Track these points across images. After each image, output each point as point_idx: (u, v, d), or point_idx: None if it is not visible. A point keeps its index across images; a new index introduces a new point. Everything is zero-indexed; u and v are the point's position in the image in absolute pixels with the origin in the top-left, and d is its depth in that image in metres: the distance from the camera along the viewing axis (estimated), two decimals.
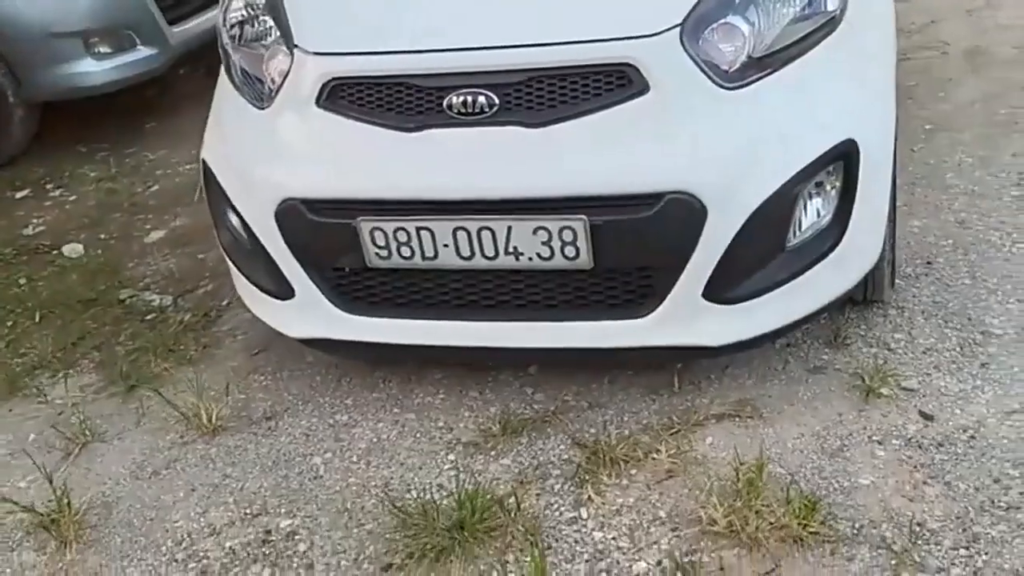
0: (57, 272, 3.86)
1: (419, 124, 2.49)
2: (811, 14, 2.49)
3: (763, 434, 2.57)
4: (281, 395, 2.98)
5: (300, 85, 2.61)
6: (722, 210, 2.36)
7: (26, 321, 3.53)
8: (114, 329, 3.42)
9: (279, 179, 2.62)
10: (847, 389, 2.68)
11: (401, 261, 2.54)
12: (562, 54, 2.40)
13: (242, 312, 3.41)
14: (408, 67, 2.50)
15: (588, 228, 2.37)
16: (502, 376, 2.90)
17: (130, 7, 4.68)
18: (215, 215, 2.92)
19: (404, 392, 2.91)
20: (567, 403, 2.77)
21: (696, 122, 2.38)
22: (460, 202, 2.45)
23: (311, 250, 2.64)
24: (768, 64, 2.43)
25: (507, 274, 2.54)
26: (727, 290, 2.45)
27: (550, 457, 2.60)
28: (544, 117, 2.41)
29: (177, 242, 3.99)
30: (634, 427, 2.65)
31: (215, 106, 2.92)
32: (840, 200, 2.49)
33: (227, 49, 2.87)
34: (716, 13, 2.42)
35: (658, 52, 2.38)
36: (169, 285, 3.68)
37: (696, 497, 2.41)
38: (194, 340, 3.30)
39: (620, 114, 2.38)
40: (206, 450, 2.80)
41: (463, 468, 2.60)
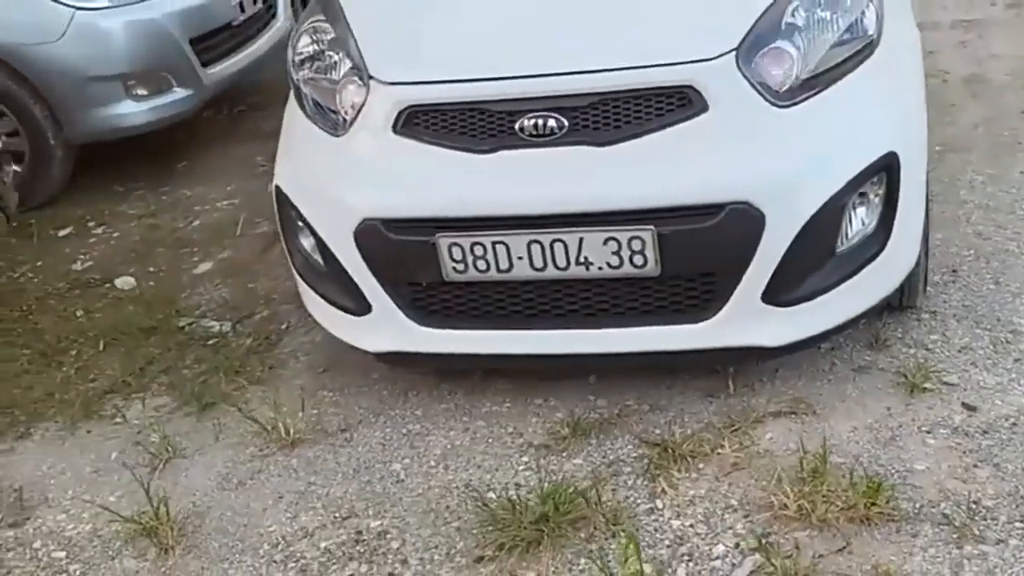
0: (112, 304, 4.00)
1: (492, 146, 2.68)
2: (851, 38, 2.70)
3: (819, 428, 2.74)
4: (352, 409, 3.13)
5: (376, 113, 2.80)
6: (779, 219, 2.55)
7: (90, 349, 3.66)
8: (179, 354, 3.56)
9: (358, 201, 2.79)
10: (892, 386, 2.87)
11: (477, 274, 2.72)
12: (627, 78, 2.60)
13: (302, 335, 3.58)
14: (481, 94, 2.69)
15: (656, 237, 2.56)
16: (564, 385, 3.07)
17: (167, 51, 4.85)
18: (287, 239, 3.09)
19: (471, 402, 3.07)
20: (629, 407, 2.94)
21: (753, 138, 2.58)
22: (535, 217, 2.63)
23: (389, 267, 2.82)
24: (815, 84, 2.64)
25: (576, 284, 2.72)
26: (783, 293, 2.64)
27: (620, 455, 2.77)
28: (611, 137, 2.61)
29: (225, 273, 4.14)
30: (696, 426, 2.82)
31: (287, 136, 3.10)
32: (883, 208, 2.69)
33: (298, 84, 3.05)
34: (766, 38, 2.63)
35: (716, 75, 2.58)
36: (225, 312, 3.82)
37: (763, 486, 2.58)
38: (259, 362, 3.44)
39: (682, 132, 2.58)
40: (287, 461, 2.94)
41: (538, 468, 2.75)
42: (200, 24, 5.05)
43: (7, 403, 3.38)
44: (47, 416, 3.32)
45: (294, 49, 3.09)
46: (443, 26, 2.90)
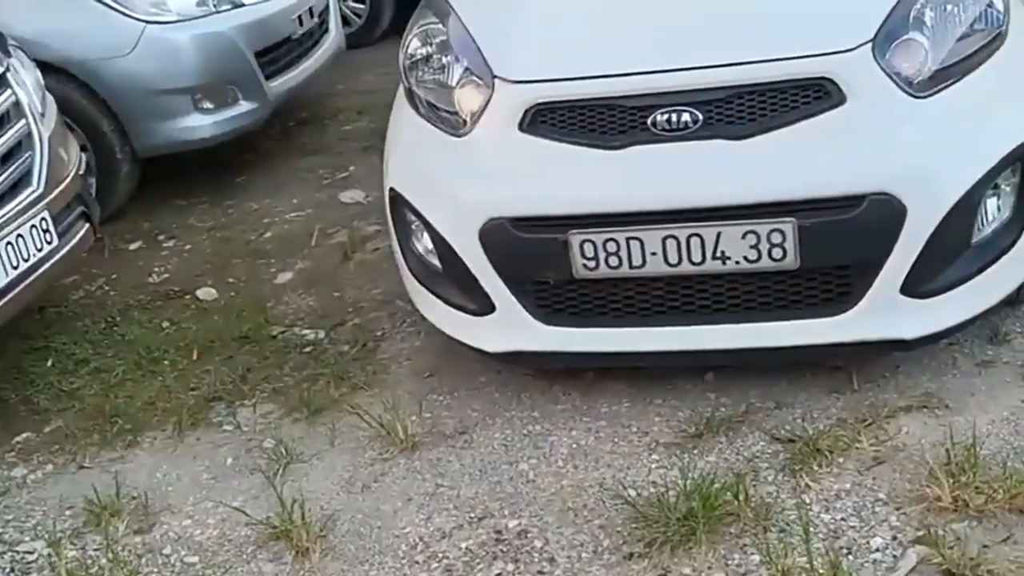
0: (198, 314, 3.97)
1: (624, 142, 2.67)
2: (979, 30, 2.69)
3: (954, 421, 2.72)
4: (465, 412, 3.11)
5: (501, 112, 2.79)
6: (920, 209, 2.54)
7: (184, 359, 3.63)
8: (277, 362, 3.54)
9: (484, 200, 2.78)
10: (1022, 379, 2.85)
11: (608, 271, 2.70)
12: (763, 71, 2.60)
13: (400, 341, 3.56)
14: (613, 90, 2.68)
15: (797, 230, 2.54)
16: (681, 383, 3.05)
17: (234, 64, 4.85)
18: (401, 241, 3.07)
19: (588, 403, 3.05)
20: (754, 404, 2.92)
21: (892, 129, 2.58)
22: (671, 211, 2.62)
23: (515, 265, 2.80)
24: (950, 75, 2.64)
25: (708, 279, 2.70)
26: (922, 285, 2.63)
27: (754, 452, 2.74)
28: (747, 130, 2.60)
29: (308, 283, 4.12)
30: (827, 422, 2.80)
31: (399, 139, 3.09)
32: (1018, 198, 2.68)
33: (411, 87, 3.04)
34: (899, 30, 2.63)
35: (854, 66, 2.58)
36: (316, 321, 3.80)
37: (909, 479, 2.55)
38: (360, 368, 3.42)
39: (821, 124, 2.57)
40: (409, 463, 2.91)
41: (671, 465, 2.72)
42: (264, 37, 5.05)
43: (111, 412, 3.34)
44: (152, 424, 3.29)
45: (405, 53, 3.09)
46: (566, 22, 2.90)
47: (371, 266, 4.18)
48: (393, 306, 3.81)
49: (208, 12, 4.83)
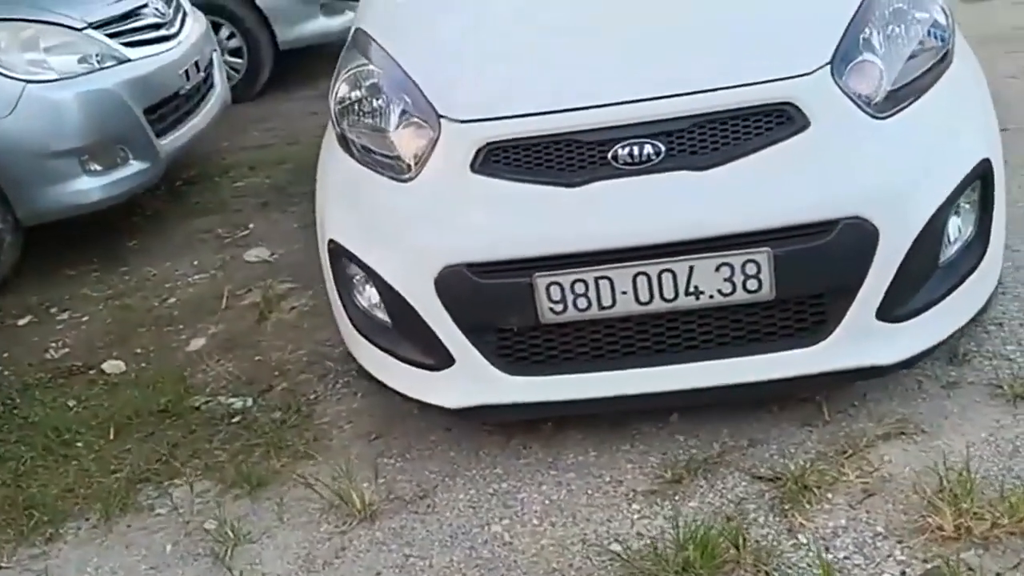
0: (107, 389, 3.68)
1: (585, 178, 2.55)
2: (928, 48, 2.68)
3: (935, 447, 2.67)
4: (422, 474, 2.92)
5: (450, 153, 2.65)
6: (893, 232, 2.49)
7: (100, 439, 3.34)
8: (205, 435, 3.28)
9: (438, 247, 2.62)
10: (991, 398, 2.82)
11: (576, 313, 2.57)
12: (724, 98, 2.52)
13: (335, 404, 3.35)
14: (570, 124, 2.57)
15: (772, 259, 2.46)
16: (645, 428, 2.93)
17: (122, 122, 4.57)
18: (343, 296, 2.88)
19: (552, 455, 2.89)
20: (726, 444, 2.81)
21: (858, 152, 2.53)
22: (641, 248, 2.51)
23: (475, 314, 2.64)
24: (906, 95, 2.61)
25: (679, 316, 2.60)
26: (896, 309, 2.58)
27: (738, 494, 2.63)
28: (711, 160, 2.52)
29: (224, 348, 3.86)
30: (805, 456, 2.71)
31: (335, 187, 2.91)
32: (980, 216, 2.66)
33: (345, 133, 2.87)
34: (852, 52, 2.60)
35: (815, 89, 2.53)
36: (240, 388, 3.55)
37: (904, 510, 2.48)
38: (298, 435, 3.19)
39: (786, 149, 2.50)
40: (371, 535, 2.71)
41: (657, 514, 2.59)
42: (152, 93, 4.79)
43: (24, 503, 3.03)
44: (74, 514, 2.99)
45: (335, 98, 2.92)
46: (510, 57, 2.77)
47: (290, 326, 3.95)
48: (322, 367, 3.59)
49: (91, 69, 4.55)
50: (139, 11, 4.97)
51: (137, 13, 4.96)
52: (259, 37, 7.02)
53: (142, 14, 4.98)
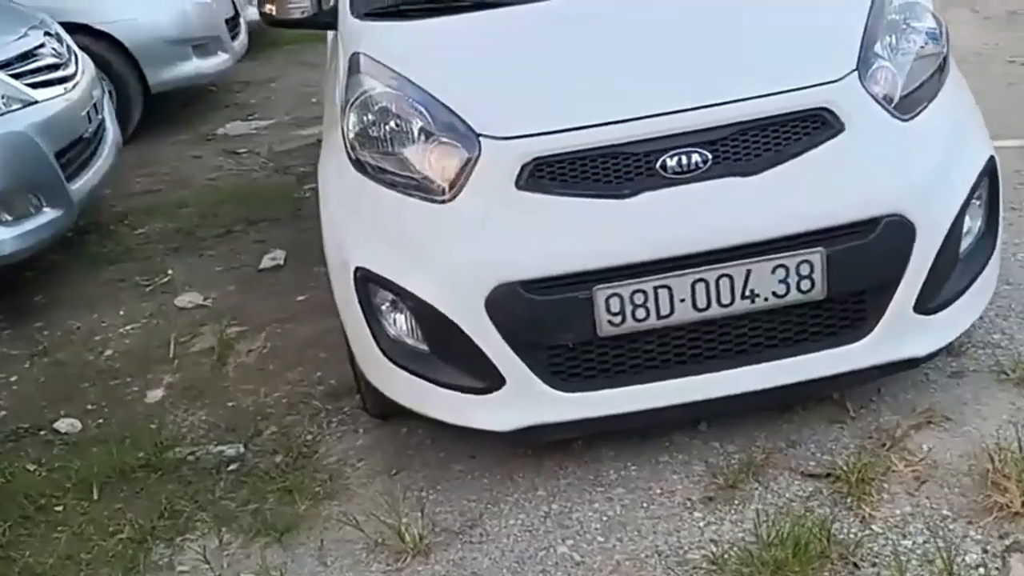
0: (69, 449, 3.41)
1: (635, 189, 2.56)
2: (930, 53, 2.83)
3: (965, 432, 2.80)
4: (461, 504, 2.84)
5: (493, 171, 2.61)
6: (928, 227, 2.61)
7: (83, 502, 3.09)
8: (204, 486, 3.08)
9: (487, 267, 2.57)
10: (997, 383, 2.98)
11: (633, 324, 2.57)
12: (765, 106, 2.59)
13: (335, 441, 3.24)
14: (618, 136, 2.57)
15: (825, 259, 2.53)
16: (677, 438, 2.95)
17: (35, 167, 4.28)
18: (372, 326, 2.77)
19: (592, 472, 2.88)
20: (765, 447, 2.86)
21: (891, 152, 2.64)
22: (700, 254, 2.53)
23: (529, 332, 2.60)
24: (921, 98, 2.75)
25: (730, 321, 2.63)
26: (930, 302, 2.69)
27: (796, 493, 2.68)
28: (757, 166, 2.57)
29: (187, 397, 3.65)
30: (847, 452, 2.79)
31: (358, 215, 2.81)
32: (988, 210, 2.82)
33: (363, 159, 2.79)
34: (871, 58, 2.72)
35: (846, 94, 2.63)
36: (223, 435, 3.37)
37: (961, 492, 2.58)
38: (309, 478, 3.05)
39: (825, 152, 2.59)
40: (431, 569, 2.62)
41: (722, 519, 2.60)
42: (63, 135, 4.52)
43: None
44: None
45: (348, 125, 2.82)
46: (548, 74, 2.75)
47: (254, 370, 3.78)
48: (308, 407, 3.45)
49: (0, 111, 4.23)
50: (37, 51, 4.69)
51: (35, 53, 4.67)
52: (128, 80, 6.70)
53: (40, 54, 4.70)
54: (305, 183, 5.73)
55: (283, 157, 6.29)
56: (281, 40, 9.63)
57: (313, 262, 4.51)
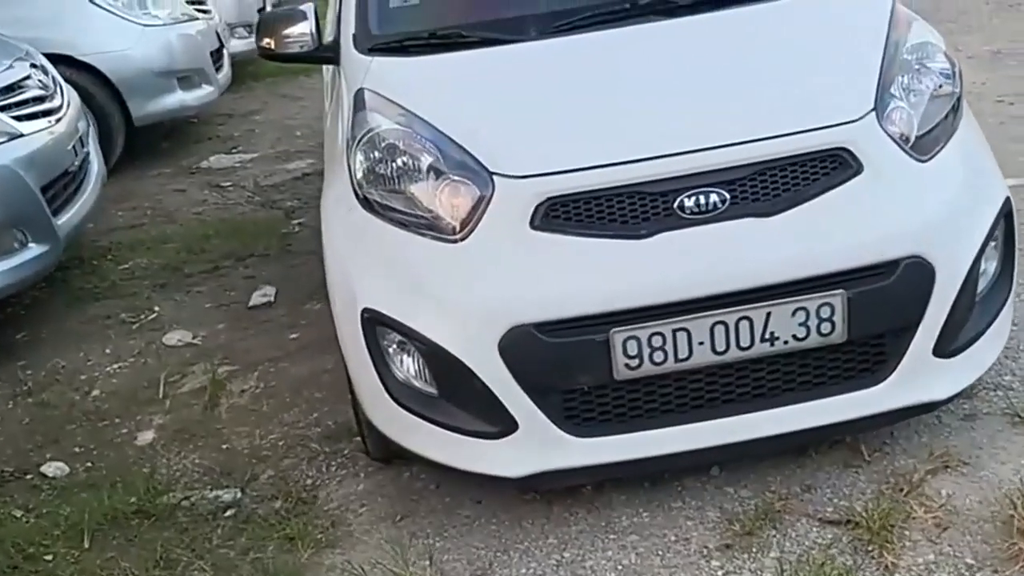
0: (57, 494, 3.30)
1: (652, 229, 2.52)
2: (944, 93, 2.81)
3: (983, 477, 2.75)
4: (470, 552, 2.76)
5: (506, 211, 2.56)
6: (947, 269, 2.57)
7: (74, 550, 2.98)
8: (201, 533, 2.99)
9: (501, 308, 2.51)
10: (1012, 426, 2.95)
11: (651, 368, 2.51)
12: (783, 146, 2.56)
13: (336, 487, 3.16)
14: (635, 176, 2.53)
15: (846, 302, 2.49)
16: (689, 483, 2.89)
17: (21, 202, 4.18)
18: (380, 368, 2.70)
19: (603, 519, 2.81)
20: (780, 492, 2.80)
21: (909, 193, 2.61)
22: (719, 296, 2.48)
23: (544, 375, 2.53)
24: (938, 139, 2.73)
25: (748, 364, 2.57)
26: (949, 344, 2.65)
27: (815, 540, 2.62)
28: (776, 207, 2.53)
29: (179, 439, 3.55)
30: (864, 497, 2.74)
31: (366, 254, 2.74)
32: (1005, 252, 2.79)
33: (371, 197, 2.73)
34: (887, 99, 2.69)
35: (865, 134, 2.60)
36: (218, 480, 3.27)
37: (984, 539, 2.53)
38: (310, 524, 2.96)
39: (844, 193, 2.56)
40: None
41: (741, 568, 2.54)
42: (49, 169, 4.43)
43: None
44: None
45: (355, 162, 2.77)
46: (561, 112, 2.71)
47: (247, 411, 3.69)
48: (306, 450, 3.37)
49: None
50: (23, 83, 4.60)
51: (21, 85, 4.58)
52: (110, 112, 6.60)
53: (26, 86, 4.60)
54: (293, 218, 5.66)
55: (270, 191, 6.21)
56: (261, 73, 9.59)
57: (304, 299, 4.47)
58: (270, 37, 3.46)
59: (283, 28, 3.44)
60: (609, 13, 3.03)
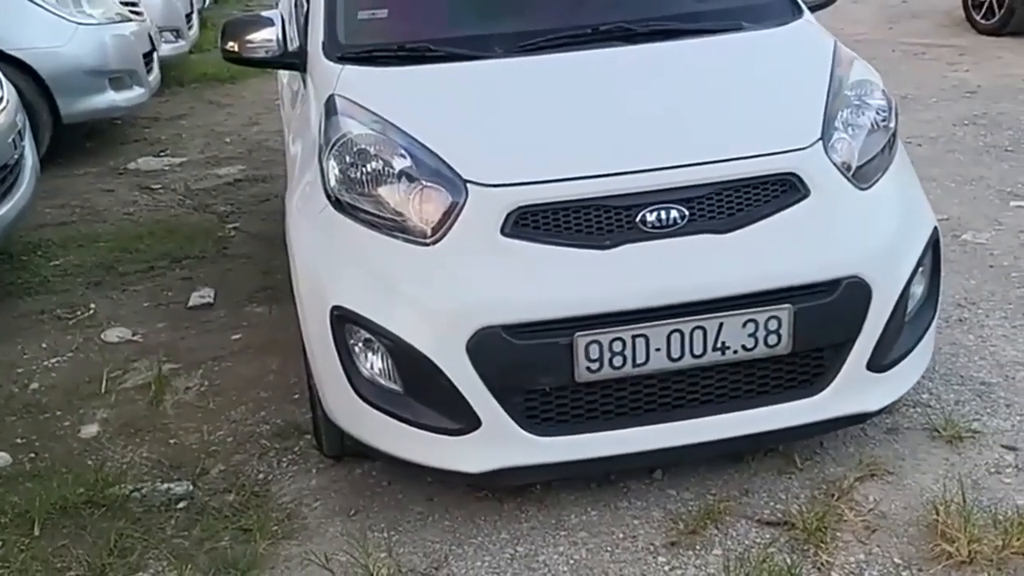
0: (2, 483, 3.29)
1: (615, 241, 2.67)
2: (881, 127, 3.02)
3: (907, 485, 2.96)
4: (425, 545, 2.86)
5: (479, 217, 2.68)
6: (883, 290, 2.78)
7: (24, 537, 2.98)
8: (155, 523, 3.02)
9: (471, 310, 2.63)
10: (930, 439, 3.17)
11: (610, 371, 2.65)
12: (739, 168, 2.75)
13: (289, 482, 3.22)
14: (601, 190, 2.68)
15: (792, 316, 2.67)
16: (633, 485, 3.03)
17: None
18: (347, 366, 2.79)
19: (553, 517, 2.93)
20: (720, 495, 2.96)
21: (851, 218, 2.81)
22: (676, 306, 2.64)
23: (509, 375, 2.66)
24: (876, 169, 2.94)
25: (699, 372, 2.74)
26: (881, 360, 2.85)
27: (754, 539, 2.79)
28: (730, 224, 2.71)
29: (125, 433, 3.57)
30: (798, 501, 2.92)
31: (339, 254, 2.83)
32: (931, 277, 3.01)
33: (344, 199, 2.82)
34: (831, 129, 2.90)
35: (812, 161, 2.80)
36: (168, 473, 3.30)
37: (910, 541, 2.73)
38: (265, 517, 3.02)
39: (793, 215, 2.75)
40: None
41: (687, 564, 2.69)
42: None
43: None
44: None
45: (328, 168, 2.86)
46: (534, 126, 2.85)
47: (193, 407, 3.72)
48: (256, 445, 3.42)
49: None
50: None
51: None
52: (38, 109, 6.52)
53: None
54: (228, 222, 5.69)
55: (202, 195, 6.22)
56: (186, 78, 9.55)
57: (245, 301, 4.52)
58: (235, 41, 3.53)
59: (248, 33, 3.52)
60: (574, 36, 3.19)
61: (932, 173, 5.42)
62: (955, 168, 5.69)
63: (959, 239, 4.65)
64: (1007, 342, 3.71)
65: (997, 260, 4.44)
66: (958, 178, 5.52)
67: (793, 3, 3.50)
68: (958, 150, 6.06)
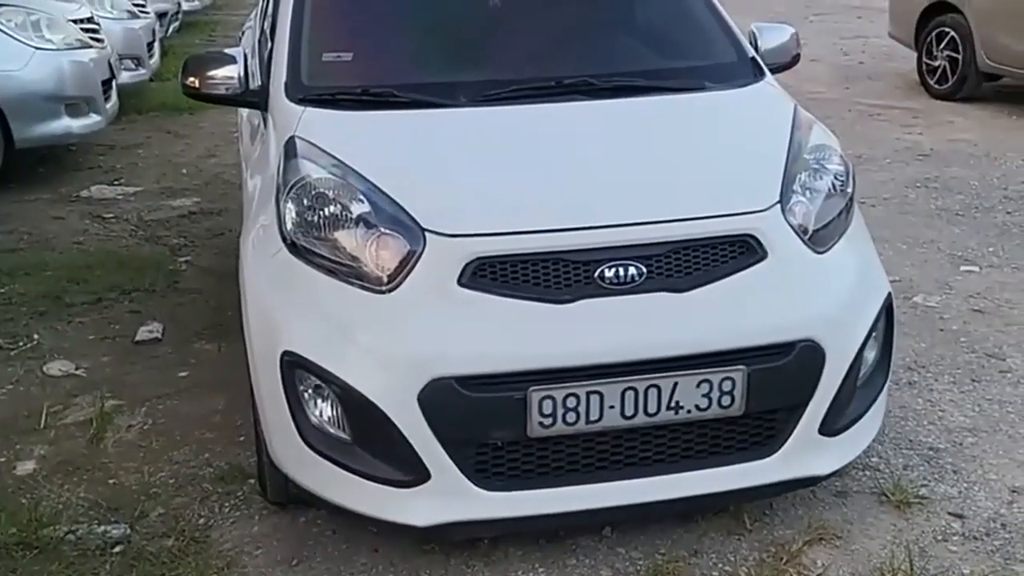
0: None
1: (573, 296, 2.66)
2: (838, 192, 3.05)
3: (855, 550, 2.96)
4: None
5: (436, 267, 2.66)
6: (836, 355, 2.79)
7: None
8: (89, 568, 2.93)
9: (424, 360, 2.60)
10: (879, 504, 3.17)
11: (563, 427, 2.63)
12: (698, 227, 2.75)
13: (231, 528, 3.17)
14: (560, 244, 2.67)
15: (747, 377, 2.67)
16: (582, 542, 3.00)
17: None
18: (295, 413, 2.74)
19: (500, 572, 2.90)
20: (670, 555, 2.94)
21: (806, 281, 2.83)
22: (631, 363, 2.62)
23: (460, 428, 2.62)
24: (832, 234, 2.96)
25: (651, 431, 2.72)
26: (833, 424, 2.86)
27: None
28: (688, 283, 2.72)
29: (62, 472, 3.47)
30: (747, 564, 2.90)
31: (292, 298, 2.79)
32: (884, 341, 3.03)
33: (301, 244, 2.79)
34: (789, 193, 2.92)
35: (770, 224, 2.81)
36: (105, 515, 3.21)
37: None
38: (204, 565, 2.94)
39: (750, 276, 2.76)
40: None
41: None
42: None
43: None
44: None
45: (285, 211, 2.83)
46: (495, 178, 2.84)
47: (135, 447, 3.64)
48: (198, 489, 3.35)
49: None
50: None
51: None
52: None
53: None
54: (180, 255, 5.61)
55: (154, 226, 6.13)
56: (145, 106, 9.46)
57: (193, 337, 4.44)
58: (195, 77, 3.50)
59: (210, 70, 3.48)
60: (538, 88, 3.20)
61: (885, 235, 5.48)
62: (907, 230, 5.77)
63: (910, 301, 4.70)
64: (955, 407, 3.74)
65: (947, 324, 4.48)
66: (910, 240, 5.59)
67: (755, 65, 3.54)
68: (910, 212, 6.14)
